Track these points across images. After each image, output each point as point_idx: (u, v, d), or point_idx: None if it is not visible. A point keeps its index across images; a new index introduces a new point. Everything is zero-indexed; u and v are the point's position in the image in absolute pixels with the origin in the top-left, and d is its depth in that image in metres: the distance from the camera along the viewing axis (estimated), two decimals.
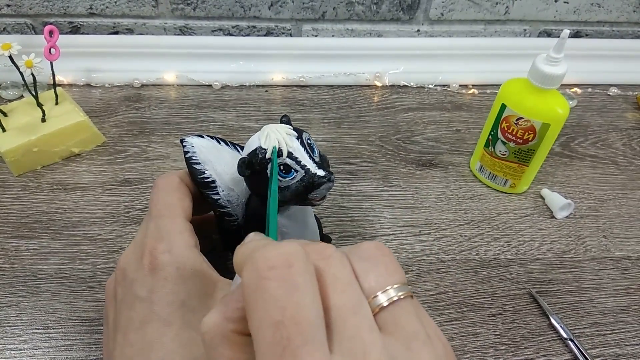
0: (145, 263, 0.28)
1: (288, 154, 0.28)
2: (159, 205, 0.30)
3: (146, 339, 0.26)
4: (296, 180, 0.28)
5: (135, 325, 0.27)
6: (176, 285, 0.27)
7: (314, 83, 0.60)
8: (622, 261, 0.43)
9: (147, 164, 0.49)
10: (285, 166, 0.28)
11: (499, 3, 0.62)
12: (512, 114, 0.42)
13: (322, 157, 0.30)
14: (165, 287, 0.27)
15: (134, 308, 0.27)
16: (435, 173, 0.50)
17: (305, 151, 0.28)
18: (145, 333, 0.27)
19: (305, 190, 0.28)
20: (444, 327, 0.37)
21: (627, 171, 0.51)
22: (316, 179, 0.28)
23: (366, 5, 0.61)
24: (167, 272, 0.28)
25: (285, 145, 0.28)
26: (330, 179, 0.28)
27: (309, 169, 0.28)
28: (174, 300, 0.27)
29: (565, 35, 0.38)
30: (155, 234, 0.29)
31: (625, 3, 0.63)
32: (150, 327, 0.27)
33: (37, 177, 0.47)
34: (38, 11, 0.59)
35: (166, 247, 0.28)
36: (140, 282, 0.28)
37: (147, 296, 0.27)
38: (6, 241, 0.41)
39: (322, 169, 0.28)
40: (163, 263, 0.28)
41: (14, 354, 0.35)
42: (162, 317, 0.27)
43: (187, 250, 0.28)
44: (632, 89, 0.61)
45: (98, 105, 0.55)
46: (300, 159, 0.28)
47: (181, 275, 0.28)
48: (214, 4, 0.60)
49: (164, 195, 0.30)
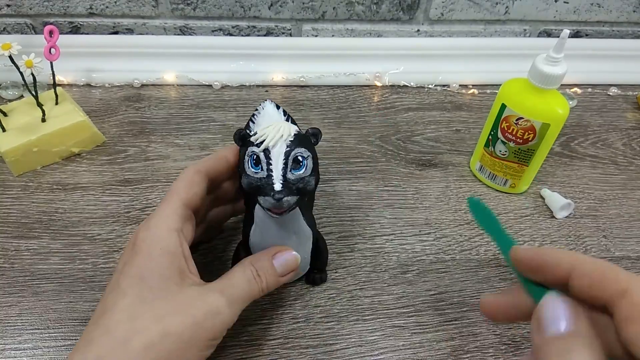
0: (131, 240, 0.30)
1: (265, 149, 0.29)
2: (166, 193, 0.32)
3: (104, 306, 0.28)
4: (257, 176, 0.29)
5: (105, 293, 0.29)
6: (142, 260, 0.29)
7: (314, 83, 0.60)
8: (622, 261, 0.43)
9: (147, 164, 0.49)
10: (256, 158, 0.29)
11: (499, 3, 0.62)
12: (512, 114, 0.42)
13: (300, 181, 0.29)
14: (133, 260, 0.29)
15: (111, 277, 0.30)
16: (435, 173, 0.50)
17: (283, 161, 0.28)
18: (106, 300, 0.28)
19: (255, 190, 0.29)
20: (444, 326, 0.37)
21: (627, 171, 0.51)
22: (267, 188, 0.28)
23: (366, 5, 0.61)
24: (138, 247, 0.29)
25: (271, 142, 0.29)
26: (277, 198, 0.28)
27: (271, 176, 0.28)
28: (135, 274, 0.29)
29: (565, 35, 0.38)
30: (151, 215, 0.31)
31: (625, 3, 0.63)
32: (110, 296, 0.28)
33: (37, 177, 0.47)
34: (38, 11, 0.59)
35: (147, 226, 0.30)
36: (123, 256, 0.30)
37: (120, 268, 0.29)
38: (6, 241, 0.41)
39: (282, 186, 0.28)
40: (139, 239, 0.30)
41: (14, 354, 0.35)
42: (121, 287, 0.28)
43: (165, 232, 0.30)
44: (632, 89, 0.61)
45: (98, 105, 0.55)
46: (271, 162, 0.28)
47: (150, 253, 0.29)
48: (214, 4, 0.60)
49: (174, 183, 0.32)
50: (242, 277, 0.31)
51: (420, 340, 0.36)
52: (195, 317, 0.28)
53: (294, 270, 0.33)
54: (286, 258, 0.33)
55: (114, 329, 0.27)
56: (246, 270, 0.31)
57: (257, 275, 0.31)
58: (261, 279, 0.31)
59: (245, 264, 0.31)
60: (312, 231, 0.34)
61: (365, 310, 0.38)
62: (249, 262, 0.32)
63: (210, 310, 0.28)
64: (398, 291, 0.39)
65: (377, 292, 0.39)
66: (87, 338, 0.27)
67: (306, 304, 0.38)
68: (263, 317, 0.37)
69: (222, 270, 0.40)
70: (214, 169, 0.34)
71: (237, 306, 0.30)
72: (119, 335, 0.27)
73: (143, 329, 0.27)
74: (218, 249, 0.42)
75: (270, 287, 0.32)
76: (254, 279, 0.31)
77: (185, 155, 0.50)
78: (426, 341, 0.36)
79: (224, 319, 0.29)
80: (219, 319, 0.29)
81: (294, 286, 0.39)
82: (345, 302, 0.39)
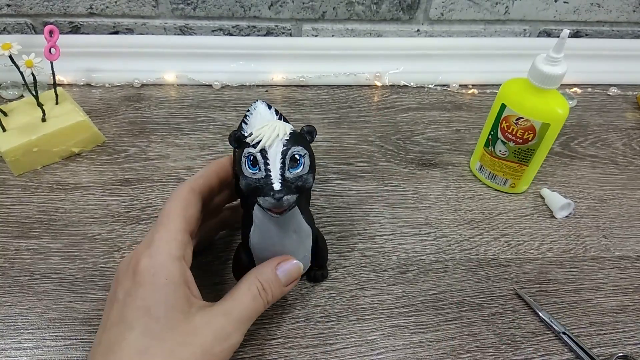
0: (130, 267, 0.29)
1: (262, 150, 0.29)
2: (161, 214, 0.31)
3: (109, 341, 0.27)
4: (255, 177, 0.28)
5: (107, 325, 0.28)
6: (147, 292, 0.28)
7: (314, 83, 0.60)
8: (622, 261, 0.43)
9: (147, 163, 0.49)
10: (254, 159, 0.29)
11: (499, 3, 0.62)
12: (512, 113, 0.42)
13: (298, 179, 0.29)
14: (137, 291, 0.28)
15: (111, 308, 0.29)
16: (435, 173, 0.50)
17: (280, 160, 0.28)
18: (110, 334, 0.28)
19: (255, 191, 0.29)
20: (444, 326, 0.37)
21: (627, 171, 0.51)
22: (266, 188, 0.28)
23: (366, 5, 0.61)
24: (142, 277, 0.28)
25: (267, 142, 0.29)
26: (277, 198, 0.28)
27: (270, 176, 0.28)
28: (140, 306, 0.28)
29: (565, 35, 0.38)
30: (147, 240, 0.30)
31: (625, 3, 0.63)
32: (115, 329, 0.28)
33: (37, 177, 0.47)
34: (38, 11, 0.59)
35: (149, 254, 0.29)
36: (122, 285, 0.29)
37: (122, 299, 0.28)
38: (6, 241, 0.41)
39: (281, 185, 0.28)
40: (142, 268, 0.29)
41: (14, 354, 0.35)
42: (127, 320, 0.28)
43: (168, 260, 0.29)
44: (632, 89, 0.61)
45: (98, 105, 0.55)
46: (269, 162, 0.28)
47: (154, 283, 0.28)
48: (214, 4, 0.60)
49: (169, 204, 0.32)
50: (248, 294, 0.31)
51: (420, 340, 0.37)
52: (204, 345, 0.28)
53: (297, 279, 0.34)
54: (289, 267, 0.33)
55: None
56: (251, 286, 0.31)
57: (262, 289, 0.31)
58: (267, 293, 0.31)
59: (250, 279, 0.31)
60: (311, 229, 0.34)
61: (365, 310, 0.38)
62: (254, 277, 0.31)
63: (218, 336, 0.28)
64: (398, 291, 0.39)
65: (377, 292, 0.39)
66: None
67: (306, 303, 0.38)
68: (263, 317, 0.37)
69: (222, 270, 0.40)
70: (207, 185, 0.34)
71: (244, 326, 0.30)
72: None
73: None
74: (218, 249, 0.42)
75: (275, 298, 0.32)
76: (259, 294, 0.31)
77: (185, 155, 0.50)
78: (426, 341, 0.37)
79: (232, 341, 0.29)
80: (227, 343, 0.29)
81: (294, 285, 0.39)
82: (345, 301, 0.39)
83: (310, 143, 0.31)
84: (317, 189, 0.47)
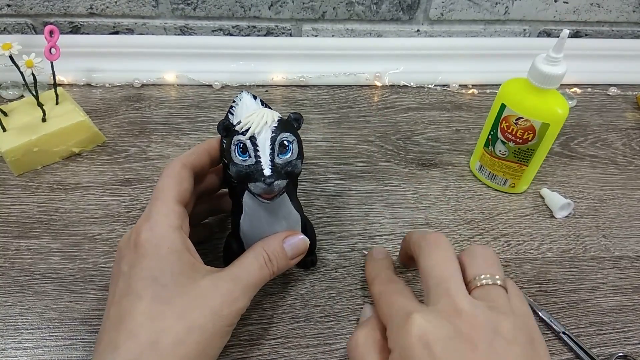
0: (131, 240, 0.30)
1: (251, 137, 0.29)
2: (156, 189, 0.32)
3: (119, 312, 0.28)
4: (245, 163, 0.29)
5: (115, 299, 0.29)
6: (151, 262, 0.29)
7: (314, 83, 0.60)
8: (622, 261, 0.43)
9: (148, 163, 0.49)
10: (243, 146, 0.29)
11: (499, 3, 0.62)
12: (511, 113, 0.42)
13: (288, 165, 0.29)
14: (141, 262, 0.29)
15: (117, 283, 0.30)
16: (435, 173, 0.50)
17: (269, 146, 0.29)
18: (120, 306, 0.28)
19: (245, 178, 0.29)
20: None
21: (626, 171, 0.51)
22: (256, 174, 0.28)
23: (366, 5, 0.61)
24: (145, 249, 0.29)
25: (256, 129, 0.29)
26: (268, 183, 0.28)
27: (260, 162, 0.29)
28: (147, 276, 0.28)
29: (565, 35, 0.38)
30: (145, 215, 0.31)
31: (625, 3, 0.63)
32: (124, 301, 0.28)
33: (38, 177, 0.47)
34: (38, 11, 0.59)
35: (149, 226, 0.30)
36: (126, 259, 0.30)
37: (128, 271, 0.29)
38: (6, 241, 0.42)
39: (271, 170, 0.28)
40: (143, 240, 0.29)
41: (14, 354, 0.35)
42: (135, 291, 0.28)
43: (168, 230, 0.30)
44: (632, 89, 0.61)
45: (98, 105, 0.55)
46: (258, 149, 0.29)
47: (157, 253, 0.29)
48: (214, 4, 0.60)
49: (162, 180, 0.32)
50: (255, 262, 0.32)
51: None
52: (213, 307, 0.29)
53: (302, 253, 0.35)
54: (296, 241, 0.34)
55: (138, 332, 0.27)
56: (258, 255, 0.32)
57: (268, 260, 0.32)
58: (272, 263, 0.32)
59: (257, 249, 0.32)
60: (300, 215, 0.35)
61: None
62: (260, 247, 0.32)
63: (226, 299, 0.29)
64: None
65: None
66: (111, 345, 0.27)
67: (306, 303, 0.38)
68: (263, 316, 0.37)
69: None
70: (198, 163, 0.34)
71: (251, 292, 0.31)
72: (145, 337, 0.27)
73: (167, 328, 0.27)
74: (218, 249, 0.42)
75: (280, 270, 0.33)
76: (266, 264, 0.32)
77: None
78: None
79: (239, 305, 0.30)
80: (235, 306, 0.30)
81: (295, 285, 0.39)
82: (345, 301, 0.39)
83: (297, 130, 0.32)
84: (317, 189, 0.47)
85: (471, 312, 0.27)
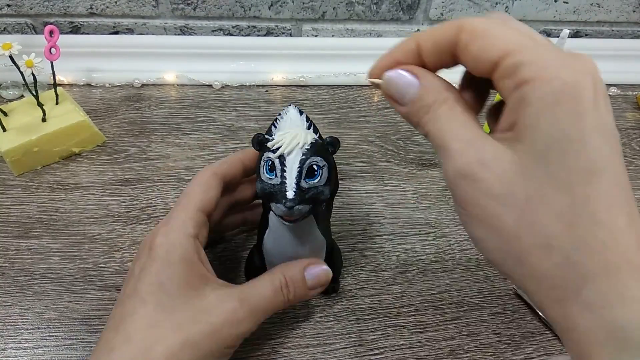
0: (147, 243, 0.30)
1: (280, 156, 0.28)
2: (182, 194, 0.32)
3: (122, 313, 0.28)
4: (271, 182, 0.28)
5: (122, 299, 0.29)
6: (161, 267, 0.29)
7: (314, 83, 0.60)
8: None
9: (147, 163, 0.49)
10: (272, 164, 0.29)
11: (499, 3, 0.62)
12: None
13: (313, 190, 0.28)
14: (151, 266, 0.29)
15: (127, 283, 0.30)
16: (435, 173, 0.50)
17: (297, 168, 0.28)
18: (124, 307, 0.28)
19: (269, 197, 0.28)
20: (444, 326, 0.37)
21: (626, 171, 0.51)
22: (279, 195, 0.28)
23: (366, 5, 0.61)
24: (156, 253, 0.29)
25: (286, 149, 0.28)
26: (289, 206, 0.27)
27: (285, 183, 0.28)
28: (154, 281, 0.28)
29: (565, 35, 0.38)
30: (166, 219, 0.31)
31: (625, 3, 0.63)
32: (128, 302, 0.28)
33: (38, 177, 0.47)
34: (38, 11, 0.59)
35: (165, 231, 0.30)
36: (139, 260, 0.30)
37: (137, 274, 0.29)
38: (6, 241, 0.42)
39: (294, 194, 0.28)
40: (157, 244, 0.29)
41: (14, 353, 0.35)
42: (140, 294, 0.28)
43: (182, 238, 0.30)
44: (632, 89, 0.61)
45: (98, 105, 0.55)
46: (286, 169, 0.28)
47: (168, 259, 0.29)
48: (214, 4, 0.60)
49: (190, 186, 0.32)
50: (269, 286, 0.30)
51: (419, 340, 0.37)
52: (214, 325, 0.28)
53: (324, 285, 0.33)
54: (318, 272, 0.32)
55: (134, 337, 0.27)
56: (275, 279, 0.31)
57: (285, 285, 0.31)
58: (289, 290, 0.31)
59: (275, 273, 0.31)
60: (326, 240, 0.34)
61: (365, 310, 0.38)
62: (279, 271, 0.31)
63: (228, 319, 0.28)
64: (398, 291, 0.40)
65: (376, 292, 0.39)
66: (107, 345, 0.27)
67: (306, 303, 0.38)
68: None
69: (221, 270, 0.40)
70: (230, 172, 0.34)
71: (259, 316, 0.30)
72: (140, 344, 0.27)
73: (163, 338, 0.27)
74: (218, 249, 0.42)
75: (297, 298, 0.31)
76: (281, 289, 0.30)
77: (186, 155, 0.50)
78: (426, 340, 0.37)
79: (243, 328, 0.29)
80: (238, 329, 0.29)
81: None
82: (345, 301, 0.39)
83: (332, 154, 0.31)
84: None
85: None
